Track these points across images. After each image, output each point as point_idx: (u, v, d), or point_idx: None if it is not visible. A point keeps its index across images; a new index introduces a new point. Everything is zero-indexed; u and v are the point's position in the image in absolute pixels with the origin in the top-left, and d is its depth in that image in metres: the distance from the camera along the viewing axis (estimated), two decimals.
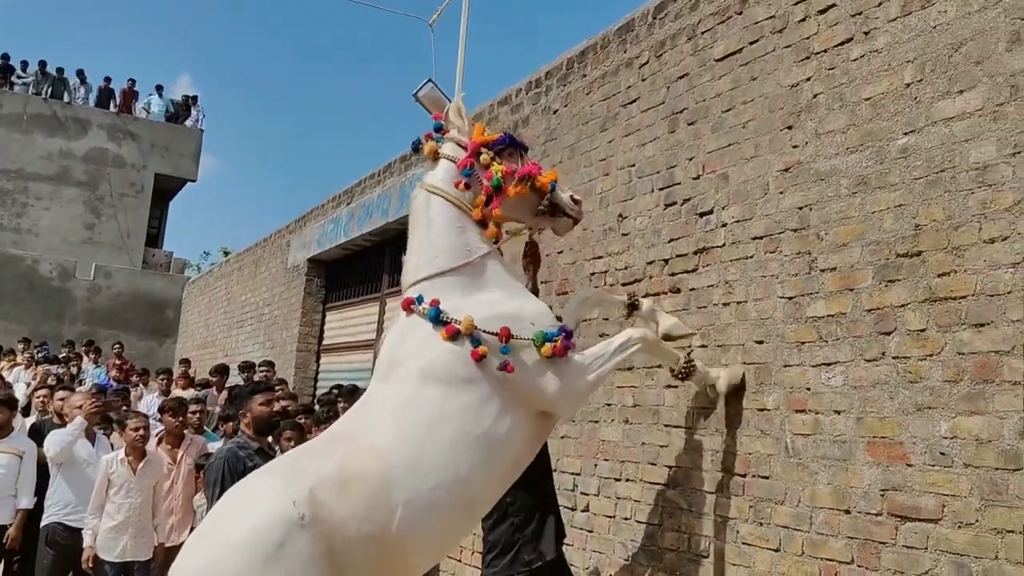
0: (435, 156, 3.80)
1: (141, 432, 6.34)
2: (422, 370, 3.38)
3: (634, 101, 5.27)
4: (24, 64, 24.29)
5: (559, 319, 3.76)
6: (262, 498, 3.00)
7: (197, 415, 7.50)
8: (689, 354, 4.15)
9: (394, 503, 3.08)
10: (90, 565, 6.23)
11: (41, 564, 6.50)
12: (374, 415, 3.37)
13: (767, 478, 3.93)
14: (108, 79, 25.10)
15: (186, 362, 14.43)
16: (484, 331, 3.38)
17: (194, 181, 26.67)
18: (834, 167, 3.83)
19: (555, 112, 6.11)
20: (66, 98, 24.18)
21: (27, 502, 6.84)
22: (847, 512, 3.52)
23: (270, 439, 5.35)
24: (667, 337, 4.22)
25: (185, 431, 6.94)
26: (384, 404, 3.38)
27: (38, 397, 8.72)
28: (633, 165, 5.19)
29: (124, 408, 7.70)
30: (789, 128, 4.11)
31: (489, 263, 3.65)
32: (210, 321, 16.86)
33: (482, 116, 7.02)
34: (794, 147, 4.06)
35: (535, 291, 4.15)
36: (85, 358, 14.35)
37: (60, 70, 24.35)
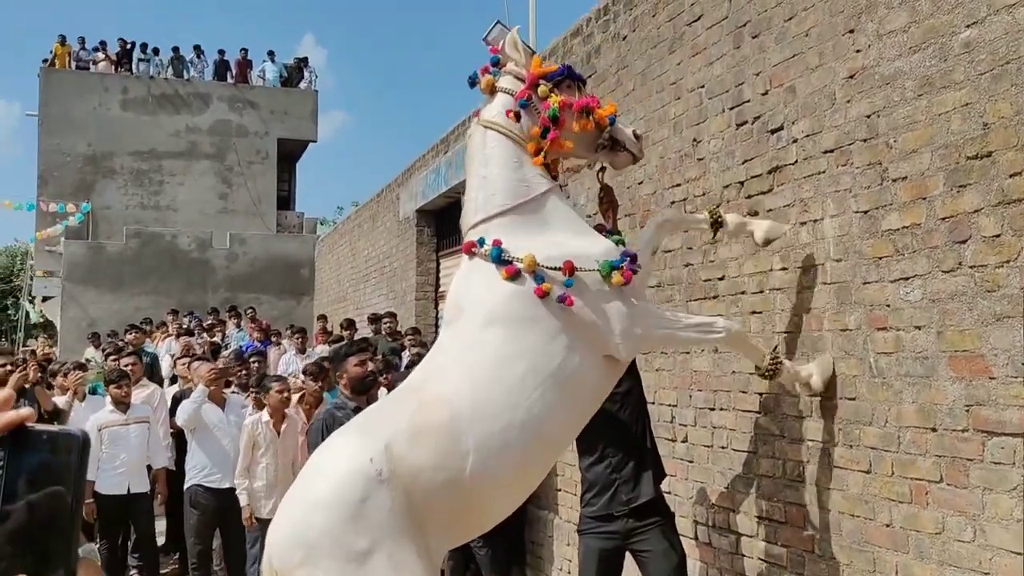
0: (492, 90, 3.68)
1: (285, 394, 6.69)
2: (485, 312, 3.36)
3: (699, 19, 5.07)
4: (144, 47, 25.39)
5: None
6: (340, 457, 3.13)
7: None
8: (775, 349, 3.99)
9: (464, 448, 3.12)
10: (252, 522, 6.64)
11: (188, 524, 7.03)
12: (441, 362, 3.41)
13: (854, 399, 3.81)
14: (222, 51, 26.02)
15: (323, 318, 15.08)
16: (547, 267, 3.32)
17: (315, 141, 27.47)
18: (898, 69, 3.60)
19: (624, 38, 5.94)
20: (185, 75, 25.17)
21: (162, 461, 7.42)
22: (933, 430, 3.38)
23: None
24: (767, 241, 4.07)
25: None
26: (450, 350, 3.41)
27: (182, 367, 9.31)
28: (703, 86, 5.01)
29: (245, 372, 8.08)
30: (851, 32, 3.87)
31: (549, 200, 3.56)
32: (340, 276, 17.46)
33: (556, 51, 6.91)
34: (857, 51, 3.83)
35: (616, 233, 4.04)
36: (229, 323, 15.14)
37: (176, 48, 25.31)
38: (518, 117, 3.56)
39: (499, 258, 3.36)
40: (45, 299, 25.91)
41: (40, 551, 0.85)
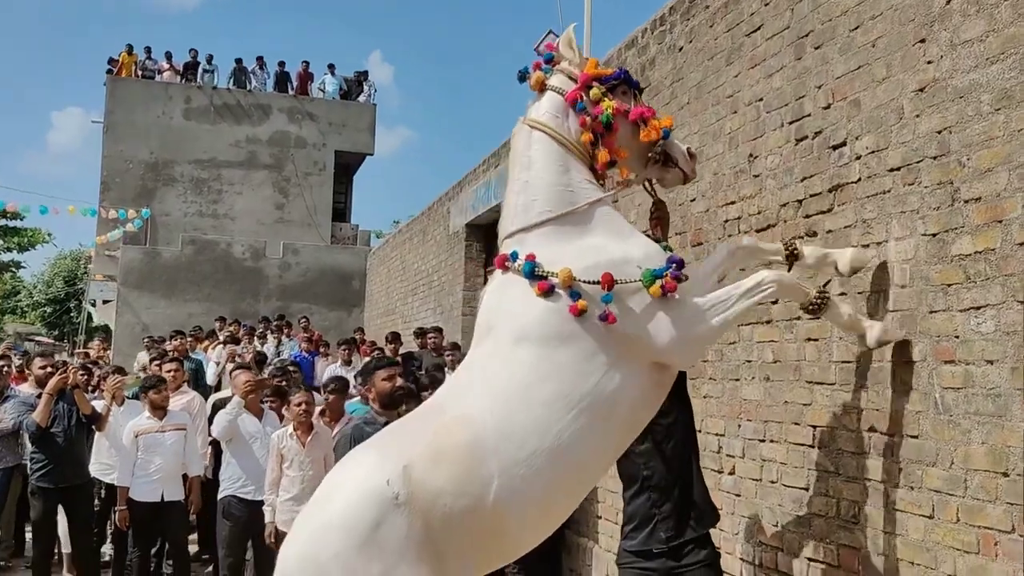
0: (542, 87, 3.46)
1: (304, 407, 6.56)
2: (515, 331, 3.14)
3: (758, 29, 4.83)
4: (209, 58, 25.79)
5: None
6: (357, 478, 2.94)
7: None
8: (825, 286, 3.70)
9: (488, 474, 2.92)
10: (273, 540, 6.53)
11: (220, 536, 6.91)
12: (467, 382, 3.21)
13: (916, 437, 3.52)
14: (282, 63, 26.28)
15: (360, 331, 15.00)
16: (584, 281, 3.08)
17: (371, 155, 27.63)
18: (973, 82, 3.32)
19: (680, 49, 5.72)
20: (247, 86, 25.50)
21: (196, 469, 7.33)
22: (1005, 475, 3.08)
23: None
24: (854, 271, 3.73)
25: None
26: (477, 369, 3.21)
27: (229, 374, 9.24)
28: (761, 99, 4.76)
29: (282, 384, 7.97)
30: (922, 42, 3.61)
31: (597, 211, 3.30)
32: (390, 289, 17.41)
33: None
34: (928, 63, 3.56)
35: (667, 249, 3.79)
36: (273, 334, 15.14)
37: (239, 60, 25.67)
38: (579, 123, 3.33)
39: (532, 273, 3.14)
40: (105, 303, 26.37)
41: None
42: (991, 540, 3.13)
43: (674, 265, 3.17)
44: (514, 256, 3.23)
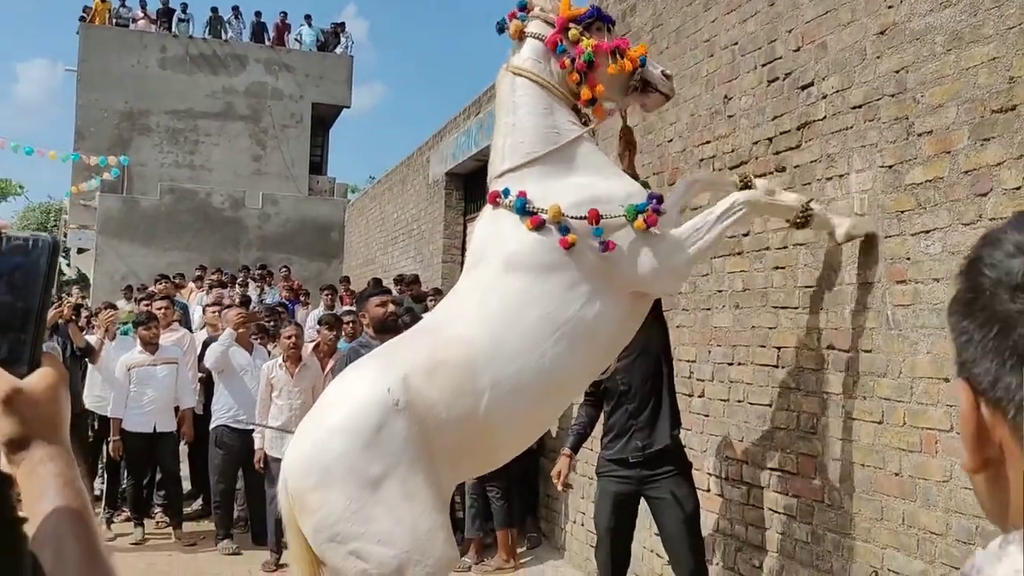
0: (520, 36, 3.62)
1: (293, 339, 6.85)
2: (506, 259, 3.40)
3: None
4: (184, 7, 25.56)
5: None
6: (359, 386, 3.22)
7: (351, 325, 7.99)
8: (809, 202, 3.91)
9: (480, 387, 3.20)
10: (262, 465, 6.86)
11: (213, 464, 7.21)
12: (460, 304, 3.49)
13: (869, 352, 3.86)
14: (259, 13, 26.09)
15: (346, 280, 15.24)
16: (572, 217, 3.33)
17: (348, 107, 27.57)
18: (928, 24, 3.62)
19: None
20: (223, 36, 25.32)
21: (188, 402, 7.58)
22: (946, 380, 3.43)
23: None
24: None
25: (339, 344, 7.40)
26: (470, 293, 3.47)
27: (212, 315, 9.48)
28: (736, 43, 5.04)
29: (272, 323, 8.26)
30: None
31: (580, 148, 3.53)
32: (368, 240, 17.60)
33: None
34: (889, 7, 3.85)
35: (634, 178, 4.07)
36: (264, 283, 15.35)
37: (214, 9, 25.44)
38: (561, 65, 3.51)
39: (523, 209, 3.38)
40: (80, 251, 26.32)
41: (12, 342, 0.94)
42: (932, 439, 3.49)
43: (654, 201, 3.45)
44: (506, 192, 3.46)
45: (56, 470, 0.87)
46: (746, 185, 4.03)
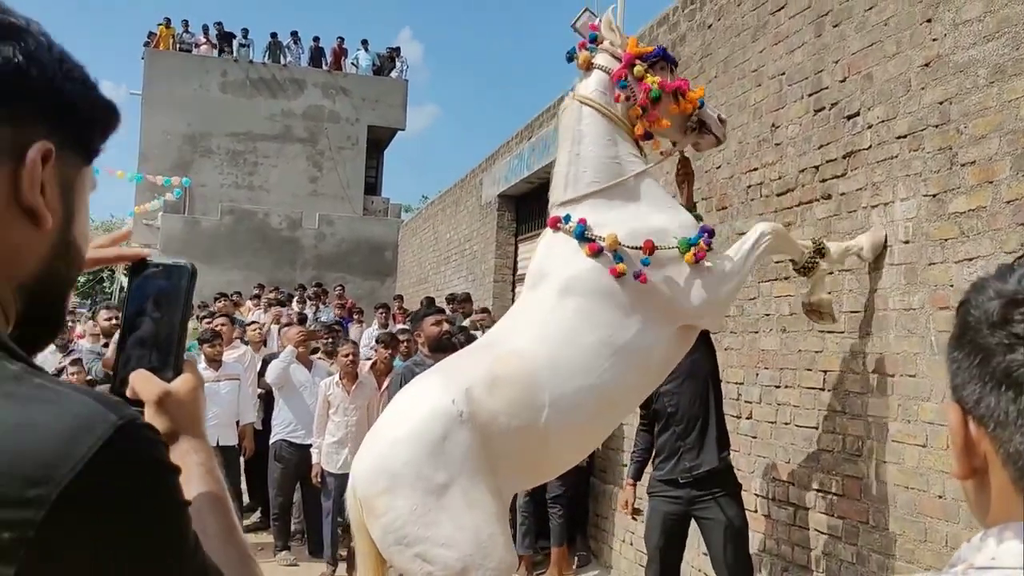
0: (589, 66, 3.77)
1: (350, 357, 7.07)
2: (565, 283, 3.55)
3: (782, 8, 5.21)
4: (244, 32, 26.26)
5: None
6: (424, 399, 3.37)
7: (407, 344, 8.20)
8: (818, 240, 4.12)
9: (541, 402, 3.35)
10: (319, 479, 7.09)
11: (272, 477, 7.45)
12: (521, 322, 3.65)
13: (913, 376, 3.94)
14: (317, 38, 26.68)
15: (399, 298, 15.51)
16: (628, 246, 3.49)
17: (403, 130, 28.02)
18: (972, 57, 3.71)
19: (709, 26, 6.11)
20: (282, 61, 25.96)
21: (249, 417, 7.83)
22: None
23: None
24: (876, 252, 4.14)
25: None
26: (530, 312, 3.64)
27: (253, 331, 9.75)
28: (783, 73, 5.16)
29: (330, 340, 8.49)
30: (928, 21, 3.99)
31: (643, 183, 3.69)
32: (422, 259, 17.89)
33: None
34: (933, 40, 3.95)
35: (691, 207, 4.19)
36: (319, 302, 15.69)
37: (273, 34, 26.10)
38: (625, 99, 3.66)
39: (583, 235, 3.54)
40: None
41: (161, 353, 1.11)
42: None
43: (706, 234, 3.61)
44: (567, 219, 3.63)
45: (199, 460, 1.04)
46: (819, 250, 4.14)
